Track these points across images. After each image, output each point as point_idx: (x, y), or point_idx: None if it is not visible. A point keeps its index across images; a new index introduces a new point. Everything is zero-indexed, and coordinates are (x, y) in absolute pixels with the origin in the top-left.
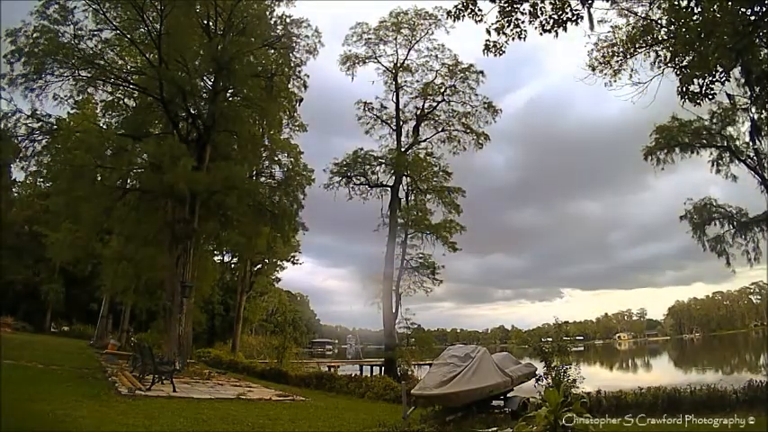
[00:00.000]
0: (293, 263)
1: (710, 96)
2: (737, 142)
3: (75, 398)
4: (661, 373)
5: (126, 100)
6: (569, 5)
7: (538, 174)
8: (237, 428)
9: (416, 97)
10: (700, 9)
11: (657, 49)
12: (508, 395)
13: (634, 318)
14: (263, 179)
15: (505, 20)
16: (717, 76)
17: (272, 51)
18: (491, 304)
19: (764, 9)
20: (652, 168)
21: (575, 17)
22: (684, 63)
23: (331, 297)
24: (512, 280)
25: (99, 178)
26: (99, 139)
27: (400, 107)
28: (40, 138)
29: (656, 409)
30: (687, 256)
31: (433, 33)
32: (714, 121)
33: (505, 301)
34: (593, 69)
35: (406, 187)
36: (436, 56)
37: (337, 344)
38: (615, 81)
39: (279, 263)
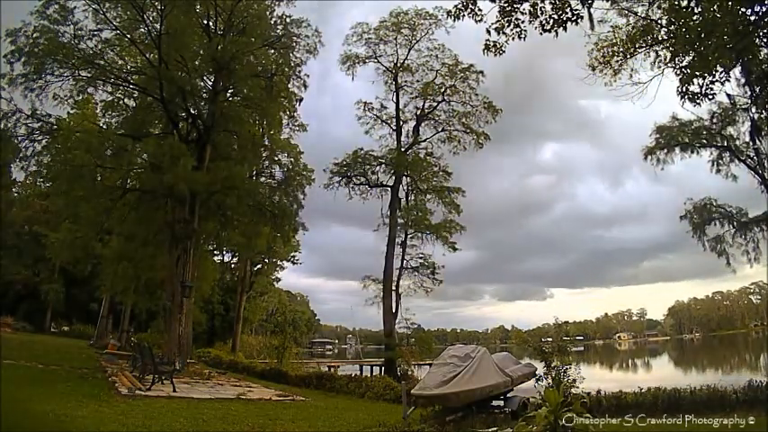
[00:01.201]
0: (293, 263)
1: (710, 96)
2: (737, 142)
3: (76, 398)
4: (661, 373)
5: (126, 100)
6: (569, 5)
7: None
8: (237, 428)
9: (416, 97)
10: (700, 9)
11: (657, 49)
12: (508, 395)
13: (634, 318)
14: (263, 179)
15: (505, 20)
16: (717, 77)
17: (272, 51)
18: (453, 302)
19: (764, 9)
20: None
21: (575, 17)
22: (684, 63)
23: (331, 297)
24: (455, 275)
25: (99, 178)
26: (99, 139)
27: (400, 107)
28: (40, 138)
29: (656, 409)
30: (652, 249)
31: (433, 33)
32: (714, 121)
33: (457, 299)
34: (594, 69)
35: (406, 187)
36: (436, 56)
37: (337, 344)
38: (615, 81)
39: (279, 263)
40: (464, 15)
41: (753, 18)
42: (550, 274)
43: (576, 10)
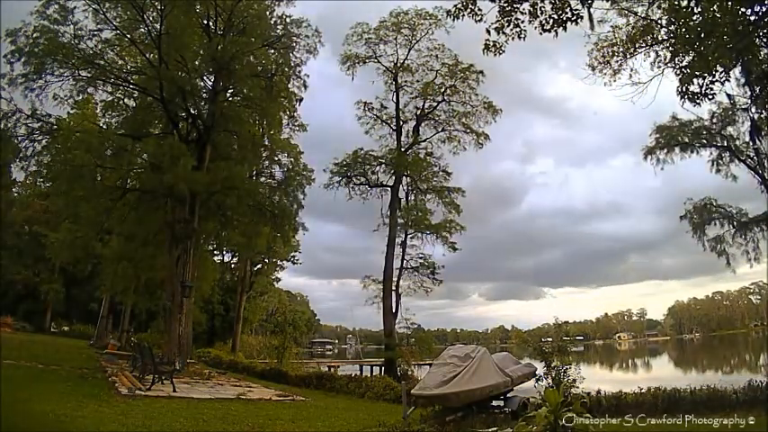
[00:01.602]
0: (293, 263)
1: (710, 96)
2: (737, 142)
3: (76, 398)
4: (661, 372)
5: (126, 100)
6: (569, 5)
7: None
8: (237, 428)
9: (416, 97)
10: (699, 9)
11: (657, 49)
12: (508, 395)
13: (634, 318)
14: (263, 179)
15: (505, 19)
16: (717, 76)
17: (272, 51)
18: (453, 302)
19: (765, 9)
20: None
21: (574, 17)
22: (684, 63)
23: (331, 297)
24: (452, 273)
25: (99, 178)
26: (99, 139)
27: (400, 107)
28: (40, 138)
29: (656, 409)
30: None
31: (433, 33)
32: (714, 120)
33: (457, 299)
34: (594, 69)
35: (406, 187)
36: (436, 56)
37: (337, 344)
38: (615, 81)
39: (279, 263)
40: (464, 15)
41: (753, 18)
42: (538, 271)
43: (576, 10)
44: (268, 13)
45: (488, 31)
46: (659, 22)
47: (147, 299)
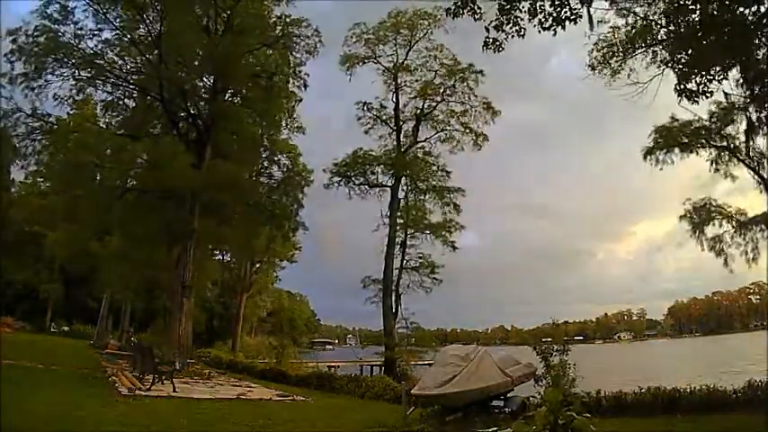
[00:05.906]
0: (292, 261)
1: (708, 95)
2: (737, 142)
3: (76, 398)
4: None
5: (126, 100)
6: (568, 4)
7: None
8: (237, 428)
9: (415, 97)
10: (698, 7)
11: (656, 49)
12: (508, 395)
13: (634, 318)
14: (262, 179)
15: (504, 17)
16: (714, 75)
17: (272, 51)
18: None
19: (763, 9)
20: None
21: (573, 16)
22: (683, 61)
23: (331, 297)
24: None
25: (98, 178)
26: (98, 138)
27: (399, 107)
28: (39, 137)
29: (656, 409)
30: None
31: (432, 33)
32: (713, 120)
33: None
34: (593, 69)
35: (405, 187)
36: (435, 56)
37: (337, 344)
38: (614, 81)
39: (278, 262)
40: (463, 13)
41: (751, 18)
42: None
43: (575, 9)
44: (267, 13)
45: (487, 29)
46: (659, 22)
47: (147, 299)
